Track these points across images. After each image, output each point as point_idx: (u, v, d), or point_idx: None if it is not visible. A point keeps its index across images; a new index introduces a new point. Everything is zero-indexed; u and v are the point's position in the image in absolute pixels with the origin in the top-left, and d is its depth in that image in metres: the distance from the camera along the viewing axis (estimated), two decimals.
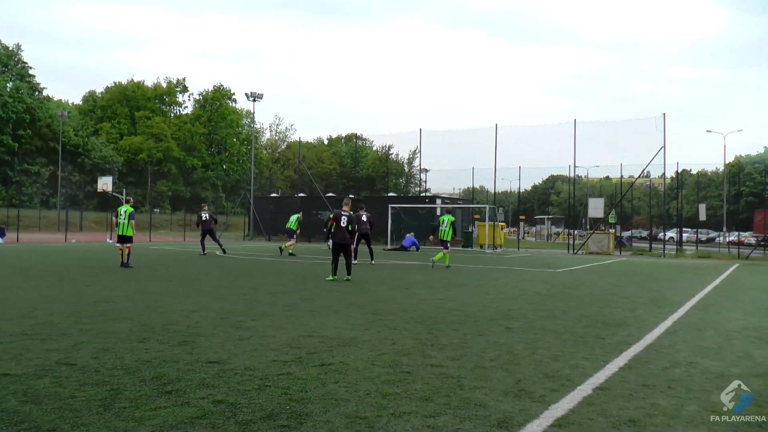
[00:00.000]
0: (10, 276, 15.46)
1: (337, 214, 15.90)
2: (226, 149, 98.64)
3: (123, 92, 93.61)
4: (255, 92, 55.94)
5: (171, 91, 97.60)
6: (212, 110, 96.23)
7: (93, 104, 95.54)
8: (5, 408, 4.71)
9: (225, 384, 5.45)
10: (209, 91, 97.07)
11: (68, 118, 77.15)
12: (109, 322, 8.65)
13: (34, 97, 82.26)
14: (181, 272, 17.71)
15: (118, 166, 78.85)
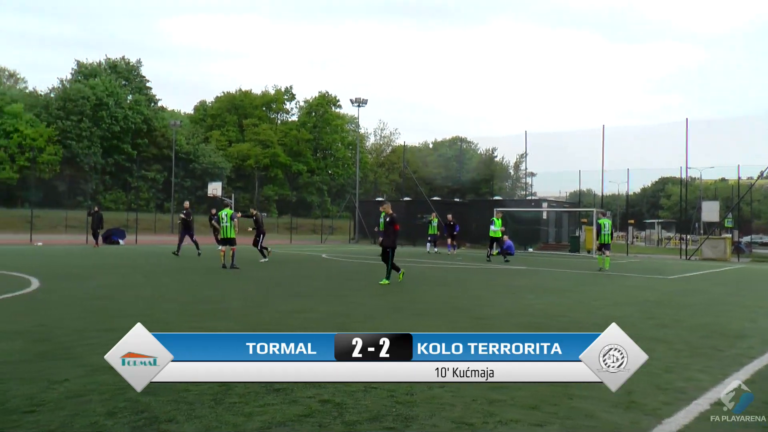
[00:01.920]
0: (130, 275, 16.25)
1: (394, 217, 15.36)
2: (331, 154, 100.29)
3: (232, 101, 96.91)
4: (360, 98, 56.65)
5: (278, 98, 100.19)
6: (318, 116, 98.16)
7: (203, 113, 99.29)
8: (129, 398, 4.97)
9: (331, 384, 5.49)
10: (315, 97, 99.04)
11: (180, 127, 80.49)
12: (218, 320, 8.95)
13: (150, 109, 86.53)
14: (286, 274, 18.10)
15: (226, 172, 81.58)
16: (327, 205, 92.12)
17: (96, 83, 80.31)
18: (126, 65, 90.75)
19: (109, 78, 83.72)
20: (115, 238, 37.91)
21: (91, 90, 78.48)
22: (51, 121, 75.25)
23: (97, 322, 8.70)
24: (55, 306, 10.19)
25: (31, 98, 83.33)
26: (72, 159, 73.55)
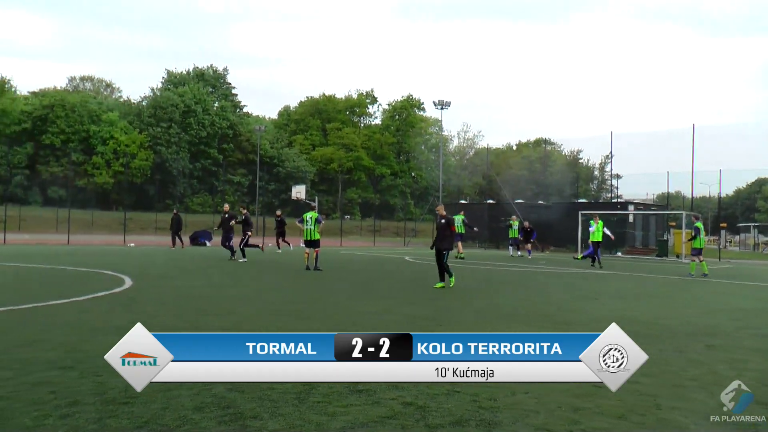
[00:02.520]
0: (216, 276, 16.67)
1: (449, 219, 14.92)
2: (414, 157, 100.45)
3: (315, 106, 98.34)
4: (443, 100, 56.48)
5: (361, 102, 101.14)
6: (401, 119, 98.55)
7: (287, 118, 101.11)
8: (215, 393, 5.13)
9: (414, 387, 5.49)
10: (399, 101, 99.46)
11: (265, 132, 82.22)
12: (301, 320, 9.08)
13: (236, 115, 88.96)
14: (370, 276, 18.21)
15: (310, 176, 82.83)
16: (410, 207, 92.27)
17: (184, 91, 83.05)
18: (213, 73, 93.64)
19: (197, 86, 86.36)
20: (202, 239, 39.02)
21: (180, 98, 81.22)
22: (143, 128, 78.27)
23: (186, 320, 8.98)
24: (147, 304, 10.55)
25: (125, 107, 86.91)
26: (162, 164, 76.19)
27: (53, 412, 4.57)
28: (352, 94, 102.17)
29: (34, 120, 75.50)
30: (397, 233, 67.85)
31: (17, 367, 5.91)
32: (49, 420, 4.40)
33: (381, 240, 52.76)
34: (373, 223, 62.74)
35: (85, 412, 4.59)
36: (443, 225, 14.55)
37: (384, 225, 71.62)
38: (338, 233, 50.44)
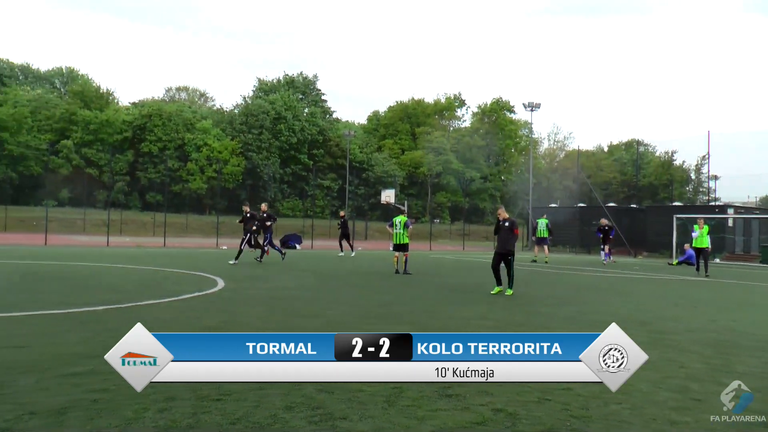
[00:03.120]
0: (306, 278, 16.94)
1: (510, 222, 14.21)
2: (504, 160, 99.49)
3: (404, 110, 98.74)
4: (533, 102, 55.65)
5: (450, 106, 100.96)
6: (490, 122, 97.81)
7: (376, 123, 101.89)
8: (304, 394, 5.19)
9: (504, 393, 5.41)
10: (488, 103, 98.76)
11: (354, 137, 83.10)
12: (390, 324, 9.10)
13: (326, 120, 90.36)
14: (458, 280, 18.11)
15: (399, 180, 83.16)
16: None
17: (275, 98, 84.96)
18: (303, 80, 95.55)
19: (287, 93, 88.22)
20: (292, 243, 39.74)
21: (271, 105, 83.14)
22: (235, 134, 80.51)
23: (276, 320, 9.16)
24: (238, 304, 10.81)
25: (218, 115, 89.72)
26: (253, 169, 78.11)
27: (152, 405, 4.73)
28: (441, 98, 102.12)
29: (134, 129, 78.92)
30: (487, 237, 67.19)
31: None
32: (148, 413, 4.56)
33: (470, 244, 52.42)
34: (463, 227, 62.41)
35: (180, 407, 4.73)
36: (506, 228, 13.96)
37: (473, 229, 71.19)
38: (427, 237, 50.42)
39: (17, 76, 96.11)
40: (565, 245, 45.94)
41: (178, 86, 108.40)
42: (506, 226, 13.95)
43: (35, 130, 76.30)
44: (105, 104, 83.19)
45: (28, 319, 8.75)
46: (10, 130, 72.68)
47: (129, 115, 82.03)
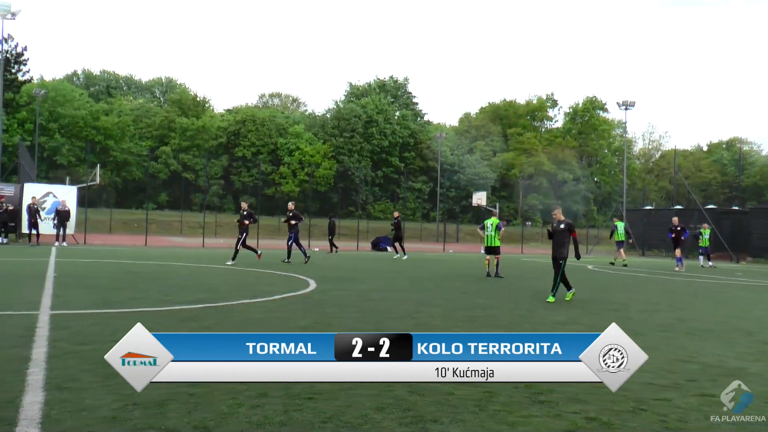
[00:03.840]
0: (396, 280, 16.99)
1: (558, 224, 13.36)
2: (597, 161, 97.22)
3: (496, 111, 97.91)
4: (627, 100, 54.17)
5: (542, 106, 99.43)
6: (583, 122, 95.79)
7: (468, 124, 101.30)
8: (395, 395, 5.20)
9: (598, 401, 5.27)
10: (580, 103, 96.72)
11: (445, 139, 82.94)
12: (482, 327, 9.02)
13: (417, 123, 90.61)
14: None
15: (491, 182, 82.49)
16: (593, 214, 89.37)
17: (367, 102, 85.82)
18: (394, 84, 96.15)
19: (379, 96, 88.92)
20: (383, 245, 40.03)
21: (362, 109, 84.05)
22: (326, 138, 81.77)
23: (367, 321, 9.22)
24: (330, 305, 10.95)
25: (310, 119, 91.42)
26: (345, 173, 79.06)
27: (245, 402, 4.85)
28: (533, 99, 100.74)
29: (228, 135, 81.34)
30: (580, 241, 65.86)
31: None
32: (241, 409, 4.67)
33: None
34: None
35: (272, 404, 4.83)
36: (562, 230, 13.11)
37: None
38: (519, 240, 49.75)
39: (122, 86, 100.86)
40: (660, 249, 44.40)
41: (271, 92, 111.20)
42: (562, 229, 13.17)
43: (137, 137, 79.85)
44: (201, 111, 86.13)
45: (131, 316, 9.12)
46: (114, 137, 76.35)
47: (224, 121, 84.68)
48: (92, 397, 4.85)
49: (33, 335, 7.24)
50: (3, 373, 5.56)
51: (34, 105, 63.25)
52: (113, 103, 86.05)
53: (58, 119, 75.00)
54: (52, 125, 73.96)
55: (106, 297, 11.11)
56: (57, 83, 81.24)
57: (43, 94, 61.78)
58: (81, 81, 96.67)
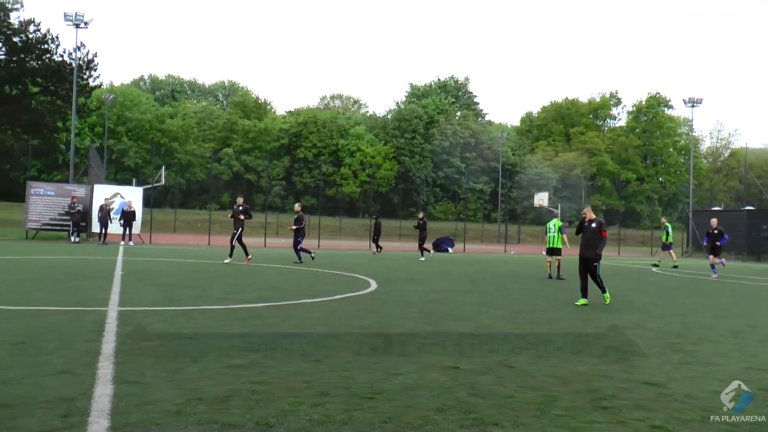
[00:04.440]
0: (458, 282, 16.91)
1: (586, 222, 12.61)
2: (662, 160, 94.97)
3: (558, 110, 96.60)
4: (693, 97, 52.75)
5: (605, 104, 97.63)
6: (647, 120, 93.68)
7: (529, 124, 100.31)
8: (456, 397, 5.18)
9: (663, 409, 5.13)
10: (643, 101, 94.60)
11: (507, 139, 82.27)
12: (540, 329, 8.91)
13: (478, 123, 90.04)
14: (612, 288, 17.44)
15: (552, 182, 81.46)
16: (657, 215, 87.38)
17: (427, 102, 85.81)
18: (454, 84, 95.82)
19: (440, 97, 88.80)
20: (444, 246, 39.86)
21: (423, 109, 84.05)
22: (387, 139, 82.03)
23: (427, 322, 9.19)
24: (391, 306, 10.95)
25: (371, 120, 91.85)
26: (405, 173, 79.14)
27: (306, 400, 4.89)
28: (596, 97, 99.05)
29: (290, 136, 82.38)
30: (643, 242, 64.48)
31: (278, 357, 6.46)
32: (303, 407, 4.71)
33: (626, 249, 50.41)
34: (618, 231, 60.12)
35: (333, 403, 4.85)
36: (593, 230, 12.35)
37: (629, 233, 68.44)
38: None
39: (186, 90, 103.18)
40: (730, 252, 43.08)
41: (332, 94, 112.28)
42: (593, 227, 12.38)
43: (200, 139, 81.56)
44: (263, 114, 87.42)
45: (195, 314, 9.31)
46: (179, 140, 78.17)
47: (285, 123, 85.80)
48: (158, 391, 4.97)
49: (103, 330, 7.46)
50: (76, 365, 5.75)
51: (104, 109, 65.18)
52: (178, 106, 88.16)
53: (125, 123, 77.23)
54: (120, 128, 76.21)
55: (171, 295, 11.36)
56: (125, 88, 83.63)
57: (112, 98, 63.59)
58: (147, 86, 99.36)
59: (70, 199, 32.22)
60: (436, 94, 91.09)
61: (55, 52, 48.48)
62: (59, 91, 49.01)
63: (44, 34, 48.14)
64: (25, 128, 48.45)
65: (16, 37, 47.29)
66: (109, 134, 68.65)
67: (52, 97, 49.87)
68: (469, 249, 42.57)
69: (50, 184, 37.74)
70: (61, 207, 32.90)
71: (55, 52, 48.48)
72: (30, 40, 47.44)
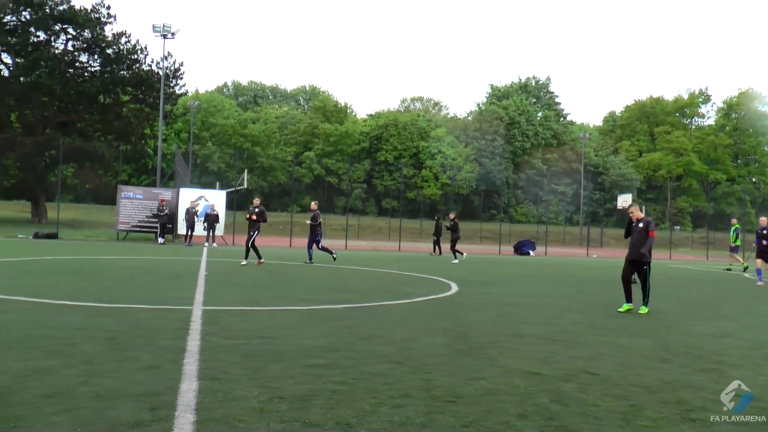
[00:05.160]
0: (539, 285, 16.64)
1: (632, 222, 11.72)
2: (755, 159, 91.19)
3: (642, 109, 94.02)
4: None
5: (692, 102, 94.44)
6: (738, 118, 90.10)
7: (612, 124, 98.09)
8: (537, 403, 5.06)
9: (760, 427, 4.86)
10: (734, 97, 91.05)
11: (589, 140, 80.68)
12: (626, 337, 8.62)
13: (559, 123, 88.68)
14: (701, 294, 16.84)
15: (637, 184, 79.43)
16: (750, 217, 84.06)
17: (508, 103, 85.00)
18: (536, 84, 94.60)
19: (520, 97, 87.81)
20: (525, 249, 39.35)
21: (504, 110, 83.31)
22: (468, 141, 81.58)
23: (507, 326, 9.07)
24: (471, 309, 10.86)
25: (451, 122, 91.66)
26: (486, 175, 78.57)
27: (387, 401, 4.87)
28: (682, 95, 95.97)
29: (370, 139, 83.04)
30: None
31: (358, 357, 6.48)
32: (383, 408, 4.69)
33: (715, 254, 48.54)
34: (706, 234, 58.08)
35: (414, 405, 4.82)
36: (639, 229, 11.50)
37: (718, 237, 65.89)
38: (667, 246, 47.48)
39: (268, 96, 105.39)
40: None
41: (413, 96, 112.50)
42: (640, 227, 11.51)
43: (282, 143, 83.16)
44: (344, 117, 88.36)
45: (276, 314, 9.46)
46: (261, 144, 79.90)
47: (366, 126, 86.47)
48: (241, 388, 5.05)
49: (188, 328, 7.67)
50: (163, 361, 5.93)
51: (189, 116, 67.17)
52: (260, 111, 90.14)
53: (209, 128, 79.43)
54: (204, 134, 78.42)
55: (253, 295, 11.58)
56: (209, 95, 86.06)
57: (196, 105, 65.48)
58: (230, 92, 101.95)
59: (159, 202, 33.37)
60: (517, 94, 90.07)
61: (143, 62, 50.63)
62: (147, 99, 51.09)
63: (134, 45, 50.27)
64: (117, 135, 50.68)
65: (109, 49, 49.48)
66: (194, 139, 70.73)
67: (141, 105, 52.04)
68: (551, 252, 41.89)
69: (139, 188, 39.21)
70: (149, 210, 34.12)
71: (143, 62, 50.61)
72: (121, 51, 49.61)
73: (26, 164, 48.80)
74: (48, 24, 48.28)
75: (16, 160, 48.98)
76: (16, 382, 5.01)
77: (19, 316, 8.31)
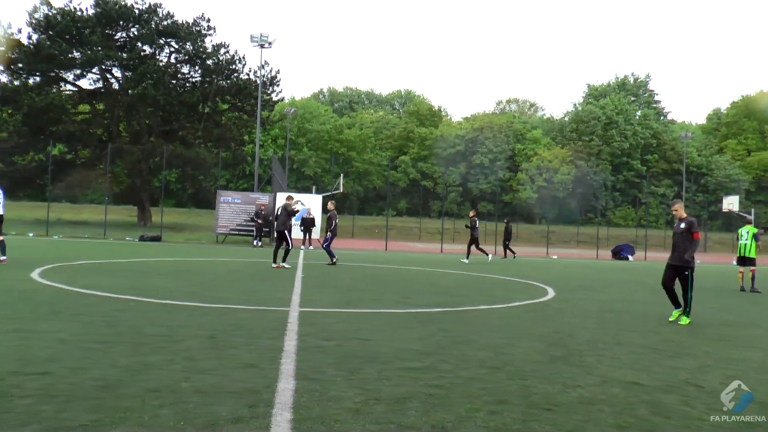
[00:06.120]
0: (638, 291, 16.10)
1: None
2: None
3: (749, 105, 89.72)
4: None
5: None
6: None
7: (717, 122, 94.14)
8: (638, 415, 4.85)
9: None
10: None
11: (691, 139, 77.73)
12: (736, 348, 8.16)
13: (660, 122, 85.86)
14: None
15: (744, 185, 75.94)
16: None
17: (606, 103, 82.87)
18: (634, 81, 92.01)
19: (618, 96, 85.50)
20: (624, 254, 38.32)
21: (601, 110, 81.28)
22: (565, 143, 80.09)
23: (607, 333, 8.80)
24: (568, 315, 10.62)
25: (547, 124, 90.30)
26: (582, 177, 76.83)
27: (483, 407, 4.82)
28: None
29: (466, 142, 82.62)
30: None
31: (454, 362, 6.44)
32: (479, 414, 4.65)
33: None
34: None
35: (511, 412, 4.74)
36: (682, 231, 10.40)
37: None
38: None
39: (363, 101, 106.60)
40: None
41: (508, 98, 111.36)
42: (682, 228, 10.41)
43: (377, 148, 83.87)
44: (438, 121, 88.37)
45: (371, 316, 9.53)
46: (356, 149, 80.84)
47: (461, 129, 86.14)
48: (337, 389, 5.11)
49: (285, 329, 7.83)
50: (261, 360, 6.08)
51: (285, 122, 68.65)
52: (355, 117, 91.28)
53: (305, 134, 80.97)
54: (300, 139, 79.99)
55: (349, 297, 11.71)
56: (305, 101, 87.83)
57: (293, 111, 66.87)
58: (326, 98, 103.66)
59: (257, 207, 34.27)
60: (615, 93, 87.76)
61: (241, 71, 52.26)
62: (245, 106, 52.76)
63: (232, 55, 51.99)
64: (216, 142, 52.50)
65: (209, 60, 51.40)
66: (290, 145, 72.22)
67: (239, 113, 53.76)
68: (651, 257, 40.49)
69: (237, 193, 40.37)
70: (246, 214, 35.11)
71: (241, 72, 52.24)
72: (220, 62, 51.42)
73: (133, 171, 51.27)
74: (153, 38, 50.59)
75: (125, 167, 51.59)
76: (126, 376, 5.27)
77: (128, 314, 8.69)
